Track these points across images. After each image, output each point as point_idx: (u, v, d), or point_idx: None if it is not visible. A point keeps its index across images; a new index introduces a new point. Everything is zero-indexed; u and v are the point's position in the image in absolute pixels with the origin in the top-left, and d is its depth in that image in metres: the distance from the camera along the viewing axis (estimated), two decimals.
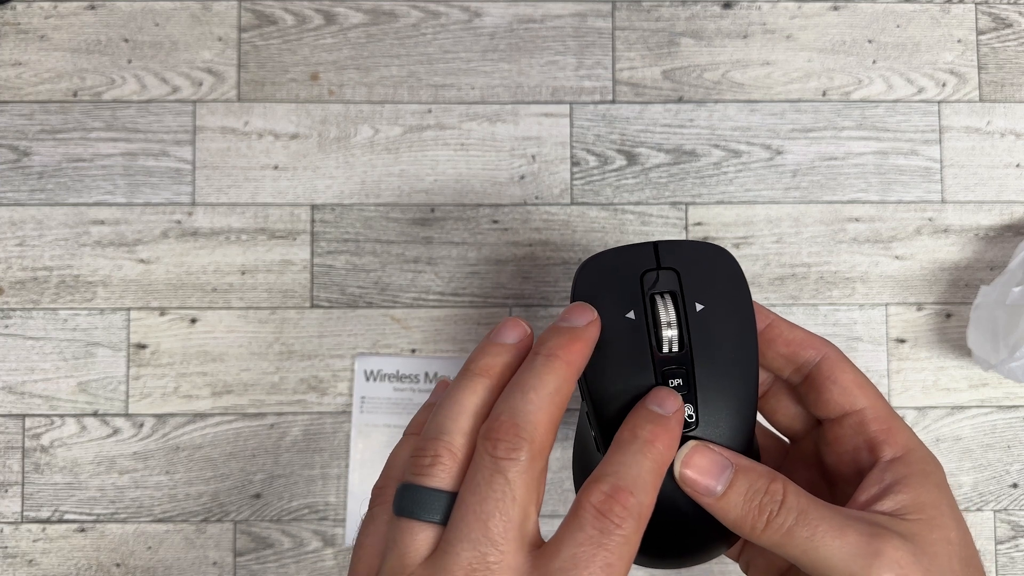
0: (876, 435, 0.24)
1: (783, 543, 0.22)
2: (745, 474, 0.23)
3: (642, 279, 0.26)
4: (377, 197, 0.48)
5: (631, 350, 0.25)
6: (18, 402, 0.47)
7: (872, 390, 0.26)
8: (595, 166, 0.48)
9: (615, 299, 0.26)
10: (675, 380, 0.24)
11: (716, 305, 0.26)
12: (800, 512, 0.22)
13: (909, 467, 0.23)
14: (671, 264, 0.26)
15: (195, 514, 0.46)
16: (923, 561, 0.21)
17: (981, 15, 0.50)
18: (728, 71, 0.49)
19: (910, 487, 0.22)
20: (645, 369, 0.25)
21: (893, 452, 0.24)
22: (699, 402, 0.25)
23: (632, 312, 0.25)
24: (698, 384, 0.25)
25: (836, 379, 0.26)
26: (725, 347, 0.25)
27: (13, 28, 0.48)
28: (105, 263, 0.47)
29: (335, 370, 0.47)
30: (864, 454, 0.24)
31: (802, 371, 0.26)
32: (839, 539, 0.21)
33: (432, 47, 0.49)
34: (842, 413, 0.25)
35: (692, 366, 0.25)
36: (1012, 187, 0.49)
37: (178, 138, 0.48)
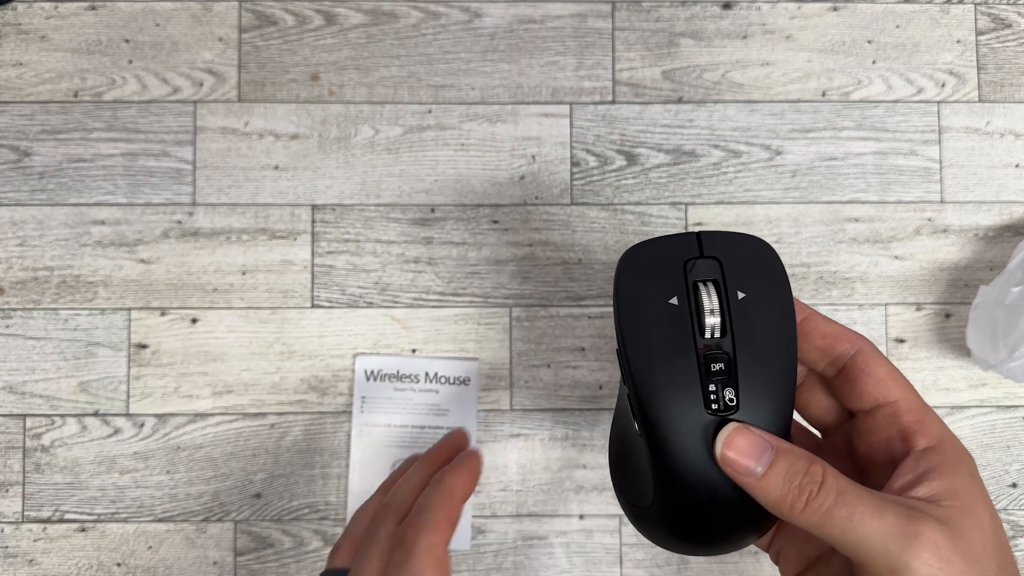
0: (909, 425, 0.25)
1: (822, 523, 0.22)
2: (785, 456, 0.23)
3: (685, 267, 0.26)
4: (377, 197, 0.48)
5: (675, 335, 0.26)
6: (19, 402, 0.47)
7: (905, 383, 0.26)
8: (595, 166, 0.48)
9: (659, 285, 0.26)
10: (717, 364, 0.25)
11: (757, 294, 0.26)
12: (839, 493, 0.22)
13: (942, 456, 0.24)
14: (713, 253, 0.27)
15: (196, 514, 0.46)
16: (959, 544, 0.21)
17: (980, 15, 0.50)
18: (728, 71, 0.49)
19: (944, 475, 0.23)
20: (688, 353, 0.25)
21: (926, 442, 0.24)
22: (740, 387, 0.25)
23: (675, 298, 0.26)
24: (739, 369, 0.25)
25: (871, 372, 0.26)
26: (766, 335, 0.26)
27: (14, 28, 0.48)
28: (106, 263, 0.47)
29: (335, 370, 0.47)
30: (897, 444, 0.25)
31: (837, 364, 0.27)
32: (878, 519, 0.21)
33: (432, 47, 0.49)
34: (876, 404, 0.26)
35: (734, 351, 0.25)
36: (1011, 187, 0.49)
37: (179, 138, 0.48)
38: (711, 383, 0.25)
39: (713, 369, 0.25)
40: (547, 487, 0.47)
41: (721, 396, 0.25)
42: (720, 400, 0.25)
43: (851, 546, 0.22)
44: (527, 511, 0.47)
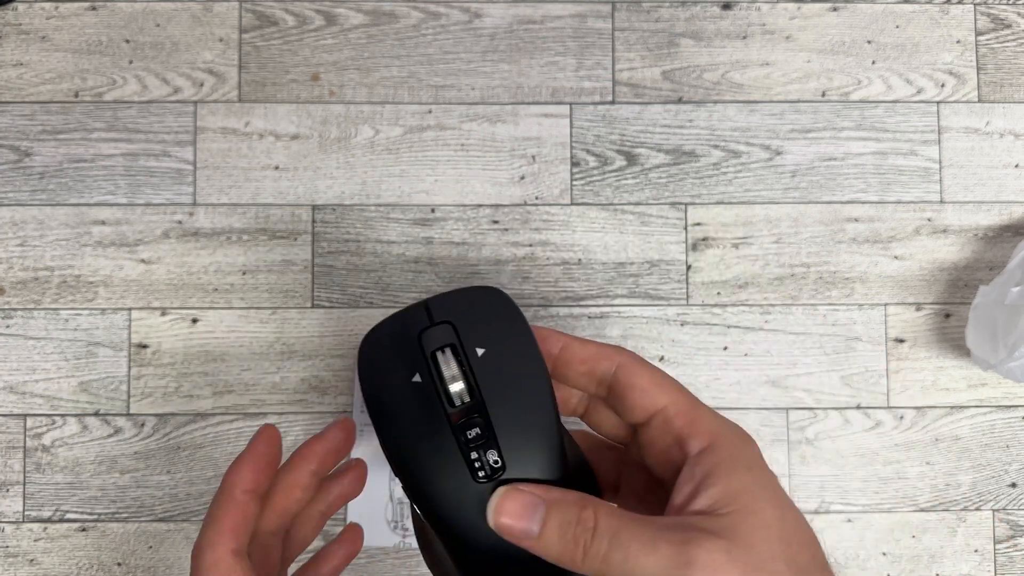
0: (681, 430, 0.24)
1: (604, 570, 0.22)
2: (556, 507, 0.23)
3: (420, 339, 0.26)
4: (378, 197, 0.48)
5: (424, 413, 0.25)
6: (19, 402, 0.47)
7: (672, 385, 0.25)
8: (595, 166, 0.48)
9: (400, 365, 0.26)
10: (472, 431, 0.25)
11: (497, 345, 0.26)
12: (612, 535, 0.22)
13: (717, 455, 0.23)
14: (444, 318, 0.26)
15: (196, 513, 0.47)
16: (739, 556, 0.20)
17: (980, 16, 0.50)
18: (727, 72, 0.49)
19: (719, 477, 0.22)
20: (442, 428, 0.25)
21: (700, 443, 0.24)
22: (501, 445, 0.25)
23: (418, 375, 0.25)
24: (496, 428, 0.25)
25: (633, 383, 0.25)
26: (515, 384, 0.25)
27: (14, 29, 0.48)
28: (106, 263, 0.47)
29: (336, 370, 0.47)
30: (675, 451, 0.24)
31: (603, 383, 0.26)
32: (652, 555, 0.21)
33: (432, 48, 0.49)
34: (647, 415, 0.25)
35: (486, 412, 0.25)
36: (1011, 187, 0.49)
37: (179, 139, 0.48)
38: (472, 451, 0.25)
39: (470, 436, 0.25)
40: None
41: (486, 461, 0.24)
42: (485, 465, 0.24)
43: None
44: None
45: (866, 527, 0.47)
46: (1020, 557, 0.48)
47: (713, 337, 0.48)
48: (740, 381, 0.48)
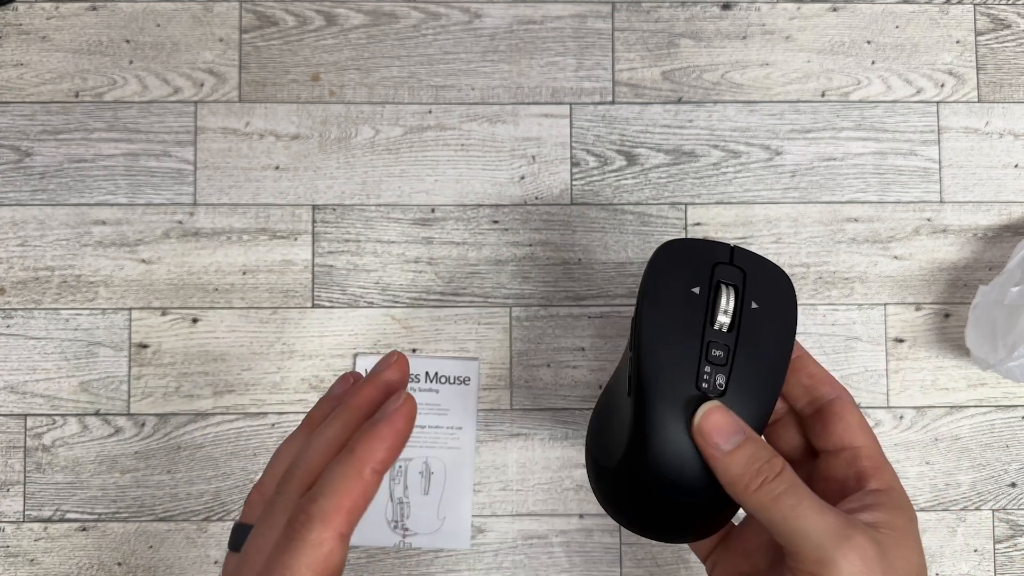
0: (866, 469, 0.27)
1: (769, 507, 0.24)
2: (753, 442, 0.26)
3: (713, 268, 0.29)
4: (378, 197, 0.48)
5: (688, 316, 0.28)
6: (20, 402, 0.47)
7: (871, 434, 0.28)
8: (595, 166, 0.48)
9: (686, 274, 0.29)
10: (718, 351, 0.28)
11: (767, 310, 0.29)
12: (792, 485, 0.25)
13: (889, 498, 0.26)
14: (741, 264, 0.29)
15: (197, 513, 0.47)
16: (885, 561, 0.23)
17: (980, 16, 0.50)
18: (727, 72, 0.49)
19: (886, 511, 0.25)
20: (695, 335, 0.28)
21: (878, 485, 0.27)
22: (731, 376, 0.27)
23: (698, 288, 0.29)
24: (735, 361, 0.28)
25: (844, 417, 0.28)
26: (765, 345, 0.28)
27: (15, 29, 0.48)
28: (107, 263, 0.47)
29: (336, 369, 0.47)
30: (852, 483, 0.27)
31: (815, 404, 0.29)
32: (819, 515, 0.24)
33: (432, 48, 0.49)
34: (842, 447, 0.28)
35: (735, 346, 0.28)
36: (1010, 187, 0.49)
37: (179, 139, 0.48)
38: (707, 366, 0.27)
39: (713, 354, 0.27)
40: (547, 486, 0.47)
41: (713, 380, 0.27)
42: (711, 382, 0.27)
43: (789, 533, 0.24)
44: (527, 510, 0.47)
45: None
46: (1020, 557, 0.48)
47: None
48: None
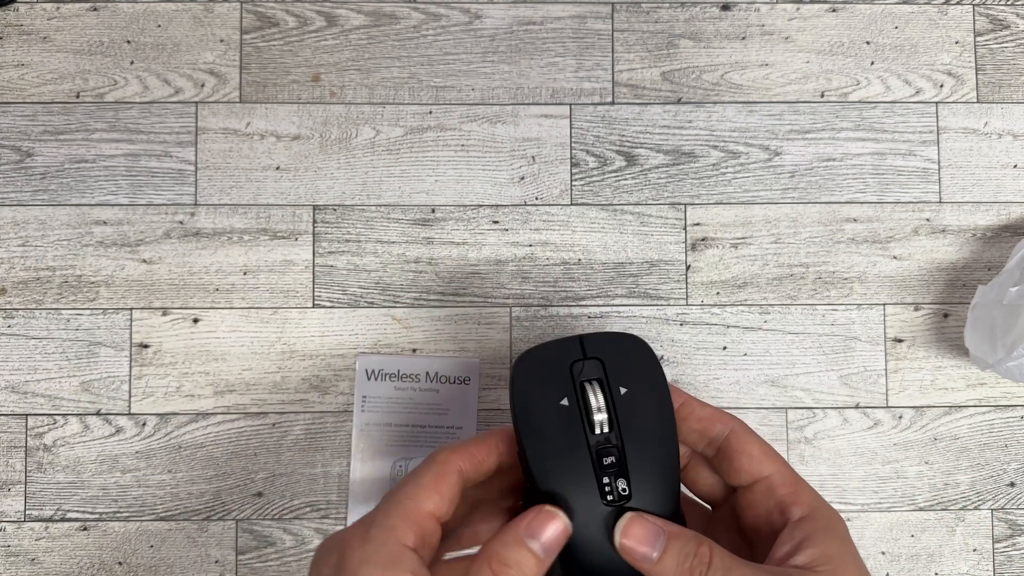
0: (784, 498, 0.27)
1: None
2: (676, 539, 0.26)
3: (571, 369, 0.29)
4: (378, 198, 0.48)
5: (568, 434, 0.28)
6: (21, 401, 0.47)
7: (777, 458, 0.29)
8: (595, 167, 0.49)
9: (550, 388, 0.29)
10: (608, 458, 0.27)
11: (637, 388, 0.29)
12: (725, 571, 0.25)
13: (815, 524, 0.26)
14: (595, 354, 0.29)
15: (197, 512, 0.47)
16: None
17: (979, 17, 0.50)
18: (726, 72, 0.49)
19: (817, 542, 0.26)
20: (581, 449, 0.28)
21: (800, 512, 0.27)
22: (631, 476, 0.27)
23: (565, 399, 0.28)
24: (628, 460, 0.28)
25: (744, 450, 0.29)
26: (648, 425, 0.28)
27: (16, 29, 0.48)
28: (108, 263, 0.47)
29: (336, 369, 0.47)
30: (776, 515, 0.27)
31: (714, 444, 0.30)
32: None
33: (433, 49, 0.49)
34: (752, 480, 0.28)
35: (622, 444, 0.28)
36: (1009, 187, 0.49)
37: (180, 139, 0.48)
38: (604, 476, 0.27)
39: (605, 462, 0.27)
40: None
41: (615, 487, 0.27)
42: (614, 491, 0.27)
43: None
44: None
45: (865, 526, 0.47)
46: (1019, 556, 0.48)
47: (712, 337, 0.48)
48: (739, 381, 0.48)
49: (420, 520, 0.25)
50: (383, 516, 0.25)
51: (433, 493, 0.26)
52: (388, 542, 0.24)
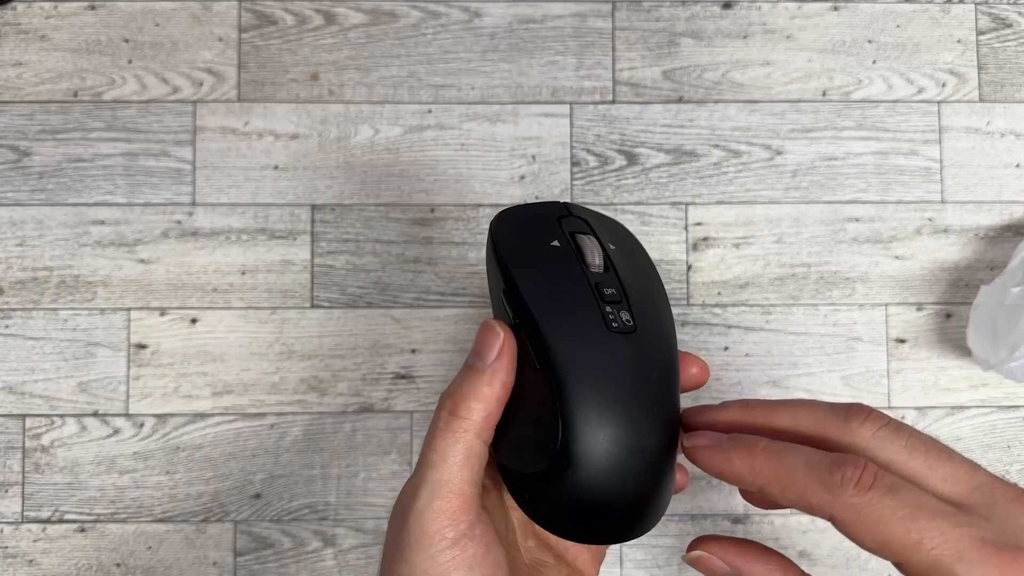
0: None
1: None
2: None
3: (559, 221, 0.27)
4: (377, 197, 0.48)
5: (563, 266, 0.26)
6: (18, 402, 0.47)
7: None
8: (595, 166, 0.48)
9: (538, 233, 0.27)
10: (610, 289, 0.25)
11: (623, 249, 0.27)
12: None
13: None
14: (581, 216, 0.28)
15: (195, 514, 0.46)
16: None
17: (981, 15, 0.50)
18: (728, 71, 0.49)
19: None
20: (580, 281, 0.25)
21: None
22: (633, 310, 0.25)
23: (556, 241, 0.26)
24: (629, 296, 0.25)
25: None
26: (642, 276, 0.27)
27: (13, 28, 0.48)
28: (105, 263, 0.47)
29: (335, 370, 0.47)
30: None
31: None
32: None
33: (432, 47, 0.49)
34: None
35: (620, 282, 0.26)
36: (1012, 187, 0.49)
37: (178, 138, 0.48)
38: (607, 306, 0.25)
39: (606, 293, 0.25)
40: None
41: (620, 317, 0.25)
42: (619, 321, 0.24)
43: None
44: None
45: None
46: None
47: (714, 337, 0.48)
48: (741, 381, 0.48)
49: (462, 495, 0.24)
50: (427, 501, 0.23)
51: (465, 472, 0.24)
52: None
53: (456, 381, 0.25)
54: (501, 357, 0.24)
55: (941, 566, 0.19)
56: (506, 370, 0.24)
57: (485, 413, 0.24)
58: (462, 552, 0.23)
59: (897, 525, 0.20)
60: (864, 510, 0.21)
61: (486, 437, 0.24)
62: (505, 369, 0.24)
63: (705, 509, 0.47)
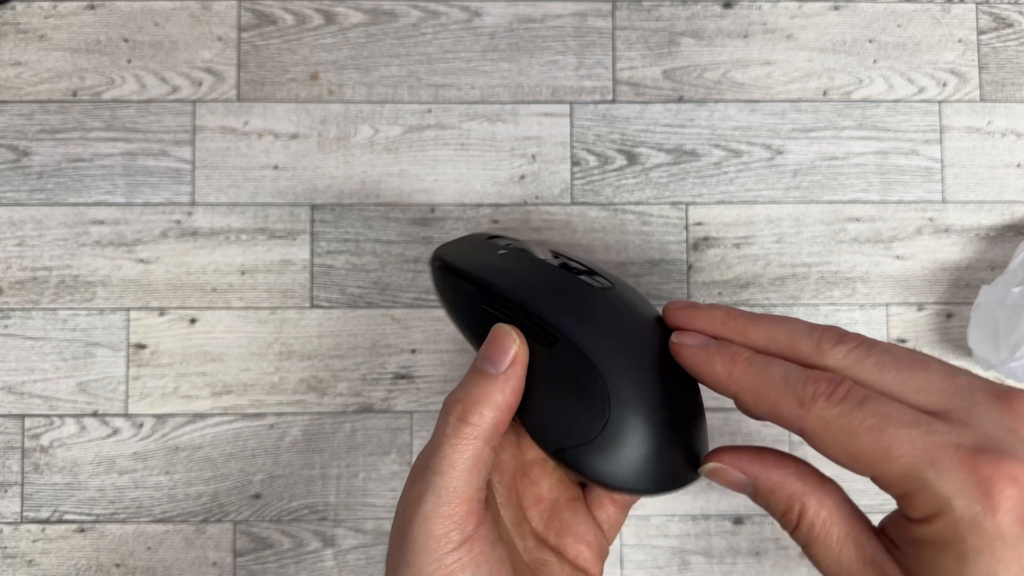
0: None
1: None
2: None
3: (491, 239, 0.28)
4: (377, 197, 0.48)
5: (522, 259, 0.26)
6: (17, 402, 0.47)
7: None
8: (595, 166, 0.48)
9: (482, 250, 0.27)
10: (572, 263, 0.26)
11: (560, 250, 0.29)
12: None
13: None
14: (506, 236, 0.29)
15: (195, 514, 0.46)
16: None
17: (982, 15, 0.49)
18: (728, 71, 0.49)
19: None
20: (546, 264, 0.26)
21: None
22: (602, 274, 0.26)
23: (503, 250, 0.27)
24: (589, 266, 0.26)
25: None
26: (587, 261, 0.28)
27: (12, 28, 0.48)
28: (105, 263, 0.47)
29: (335, 371, 0.47)
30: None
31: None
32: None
33: (432, 47, 0.49)
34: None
35: (574, 259, 0.27)
36: (1013, 187, 0.49)
37: (178, 138, 0.48)
38: (579, 275, 0.25)
39: (572, 266, 0.26)
40: None
41: (596, 280, 0.25)
42: (597, 282, 0.25)
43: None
44: None
45: None
46: None
47: None
48: None
49: (467, 502, 0.24)
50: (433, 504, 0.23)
51: (473, 478, 0.24)
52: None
53: (465, 386, 0.24)
54: (515, 364, 0.24)
55: (912, 474, 0.19)
56: (519, 377, 0.24)
57: (496, 420, 0.24)
58: (468, 552, 0.23)
59: (865, 436, 0.20)
60: (833, 423, 0.21)
61: (495, 444, 0.24)
62: (518, 376, 0.24)
63: (706, 510, 0.47)
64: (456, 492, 0.23)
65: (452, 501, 0.23)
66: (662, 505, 0.47)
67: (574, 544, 0.28)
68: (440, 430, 0.24)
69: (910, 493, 0.20)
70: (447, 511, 0.23)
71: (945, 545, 0.19)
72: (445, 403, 0.25)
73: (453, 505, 0.23)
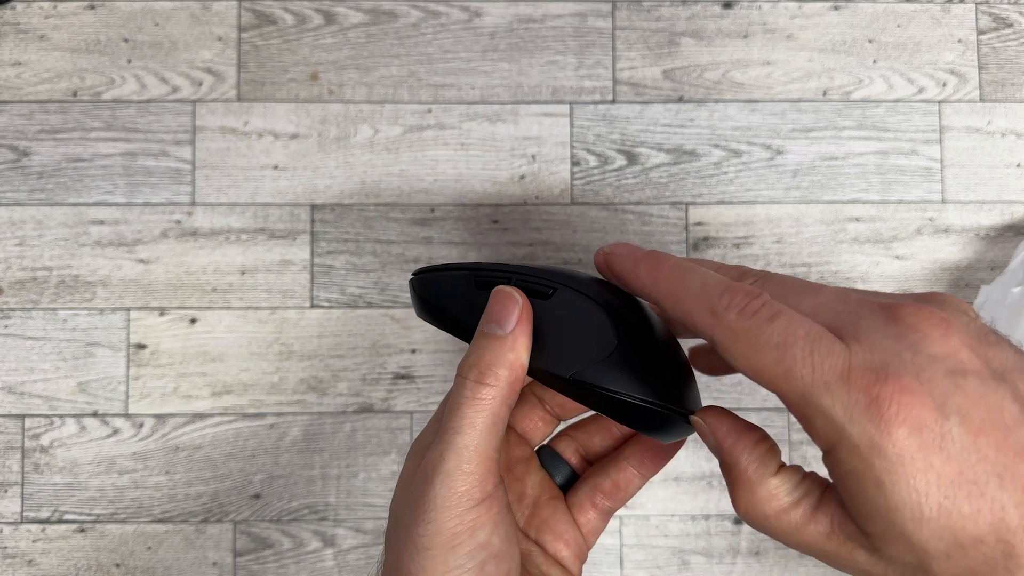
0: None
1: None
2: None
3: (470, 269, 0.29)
4: (377, 197, 0.48)
5: (496, 262, 0.29)
6: (18, 402, 0.47)
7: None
8: (595, 166, 0.48)
9: (450, 266, 0.29)
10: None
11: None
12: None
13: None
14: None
15: (195, 514, 0.46)
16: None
17: (981, 15, 0.49)
18: (728, 71, 0.49)
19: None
20: (515, 264, 0.28)
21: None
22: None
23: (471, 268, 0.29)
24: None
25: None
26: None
27: (13, 28, 0.48)
28: (105, 263, 0.47)
29: (335, 371, 0.47)
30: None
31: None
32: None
33: (432, 47, 0.49)
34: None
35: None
36: (1013, 187, 0.49)
37: (178, 138, 0.48)
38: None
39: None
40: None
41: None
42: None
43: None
44: None
45: None
46: None
47: None
48: (742, 381, 0.47)
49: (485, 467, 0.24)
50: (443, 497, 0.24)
51: (492, 438, 0.24)
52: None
53: (476, 351, 0.25)
54: (521, 321, 0.25)
55: (809, 397, 0.19)
56: (527, 334, 0.25)
57: (512, 378, 0.24)
58: (488, 510, 0.23)
59: (770, 353, 0.20)
60: (741, 336, 0.21)
61: (512, 403, 0.25)
62: (526, 333, 0.25)
63: (706, 509, 0.47)
64: (477, 451, 0.24)
65: (473, 460, 0.24)
66: (662, 505, 0.47)
67: (553, 542, 0.28)
68: (457, 394, 0.25)
69: (808, 417, 0.20)
70: (468, 468, 0.23)
71: (859, 476, 0.19)
72: (459, 369, 0.25)
73: (475, 463, 0.24)
